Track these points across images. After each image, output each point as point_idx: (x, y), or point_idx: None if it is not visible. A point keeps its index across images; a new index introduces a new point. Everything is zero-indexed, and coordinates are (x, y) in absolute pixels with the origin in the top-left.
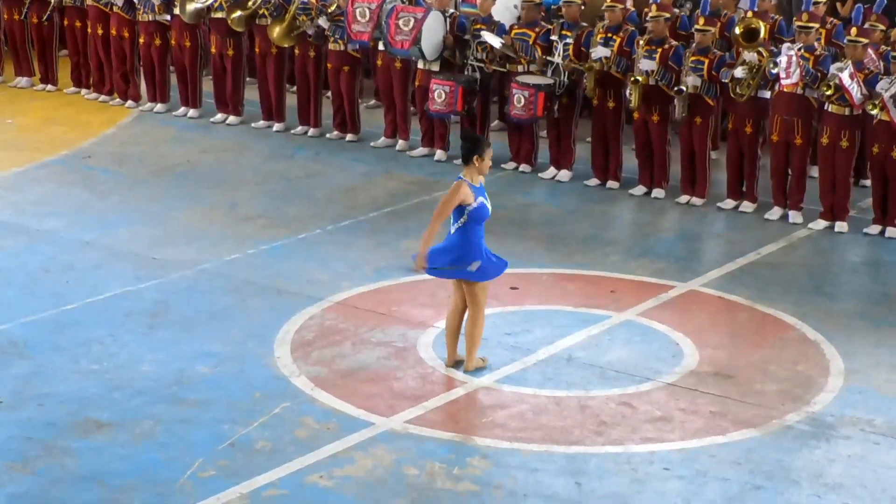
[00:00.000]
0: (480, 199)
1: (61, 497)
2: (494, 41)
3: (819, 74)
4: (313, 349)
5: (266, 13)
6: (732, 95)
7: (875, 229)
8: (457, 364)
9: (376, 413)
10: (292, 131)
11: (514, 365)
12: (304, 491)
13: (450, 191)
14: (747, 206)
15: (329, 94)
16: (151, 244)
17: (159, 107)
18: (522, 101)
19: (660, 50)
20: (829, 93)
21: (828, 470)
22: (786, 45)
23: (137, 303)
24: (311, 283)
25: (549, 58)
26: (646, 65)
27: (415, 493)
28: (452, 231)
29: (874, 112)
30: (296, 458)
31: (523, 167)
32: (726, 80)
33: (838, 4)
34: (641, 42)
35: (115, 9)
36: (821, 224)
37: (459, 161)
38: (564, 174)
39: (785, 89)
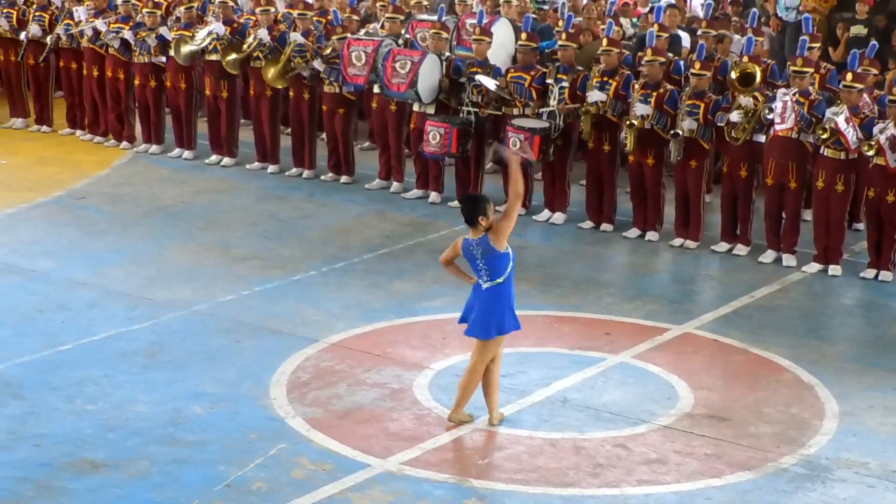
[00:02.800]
0: (508, 249)
1: None
2: (490, 84)
3: (814, 119)
4: (309, 390)
5: (261, 55)
6: (728, 139)
7: (870, 273)
8: (500, 421)
9: (372, 454)
10: (287, 173)
11: (510, 407)
12: None
13: (495, 243)
14: (741, 248)
15: (324, 135)
16: (145, 284)
17: (154, 148)
18: (518, 144)
19: (655, 94)
20: (824, 136)
21: None
22: (781, 90)
23: (132, 343)
24: (306, 323)
25: (543, 109)
26: (641, 109)
27: None
28: (484, 288)
29: (870, 154)
30: (292, 500)
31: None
32: (722, 124)
33: (830, 49)
34: (637, 86)
35: (110, 50)
36: (814, 267)
37: (454, 204)
38: (559, 216)
39: (780, 133)
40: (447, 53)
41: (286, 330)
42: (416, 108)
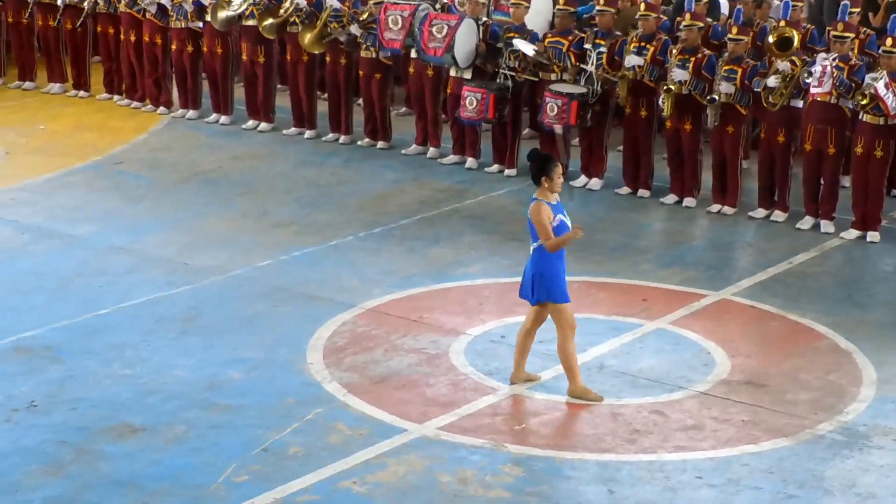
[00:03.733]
0: (560, 216)
1: (94, 501)
2: (528, 49)
3: (853, 84)
4: (345, 355)
5: (297, 21)
6: (765, 104)
7: None
8: (525, 381)
9: (408, 419)
10: (323, 138)
11: (547, 373)
12: (336, 496)
13: (534, 213)
14: (779, 215)
15: (360, 101)
16: (183, 250)
17: (191, 113)
18: (556, 109)
19: (693, 59)
20: (864, 102)
21: (860, 479)
22: (821, 54)
23: (169, 308)
24: (343, 289)
25: (582, 65)
26: (678, 74)
27: (447, 499)
28: (532, 250)
29: None
30: (328, 464)
31: None
32: (759, 90)
33: (870, 14)
34: (674, 51)
35: (147, 15)
36: (853, 234)
37: (491, 169)
38: (596, 182)
39: (817, 98)
40: (484, 18)
41: (323, 295)
42: (452, 73)
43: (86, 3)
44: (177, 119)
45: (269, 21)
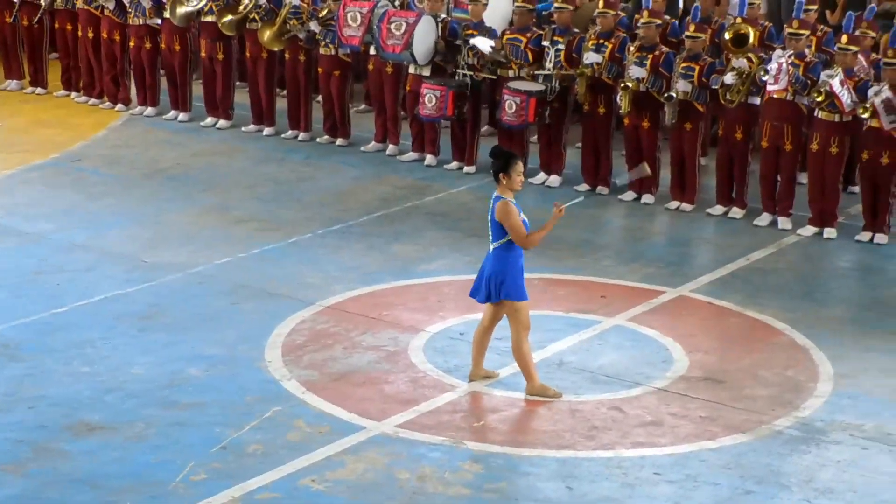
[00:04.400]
0: (522, 216)
1: (54, 499)
2: (485, 46)
3: (809, 81)
4: (305, 353)
5: (257, 17)
6: (722, 101)
7: (865, 236)
8: (483, 378)
9: (368, 417)
10: (282, 135)
11: (506, 369)
12: (296, 494)
13: (502, 214)
14: (737, 211)
15: (319, 98)
16: (143, 247)
17: (149, 110)
18: (514, 107)
19: (650, 56)
20: (819, 99)
21: (818, 475)
22: (776, 51)
23: (129, 305)
24: (303, 286)
25: (539, 71)
26: (636, 71)
27: (407, 496)
28: (491, 249)
29: (865, 116)
30: (288, 462)
31: None
32: (716, 87)
33: (827, 12)
34: (632, 48)
35: (105, 12)
36: (810, 230)
37: (450, 166)
38: (555, 179)
39: (774, 95)
40: (443, 15)
41: (284, 292)
42: (411, 70)
43: (43, 0)
44: (135, 116)
45: (229, 17)
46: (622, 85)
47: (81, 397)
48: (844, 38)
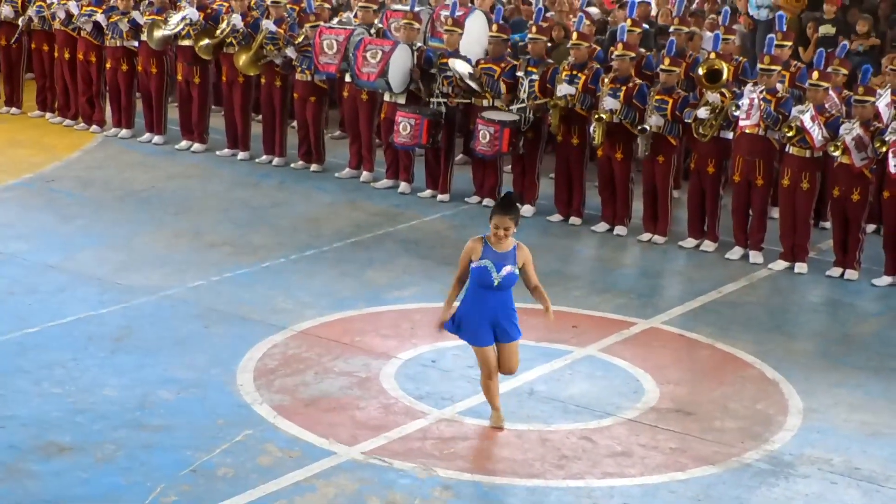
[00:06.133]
0: (484, 262)
1: None
2: (463, 69)
3: (780, 116)
4: (276, 377)
5: (233, 42)
6: (695, 135)
7: (836, 271)
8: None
9: (339, 442)
10: (257, 160)
11: (477, 397)
12: None
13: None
14: (708, 245)
15: (295, 123)
16: (116, 269)
17: (124, 132)
18: (488, 136)
19: (624, 88)
20: (790, 134)
21: None
22: (748, 86)
23: (101, 327)
24: (275, 311)
25: (514, 105)
26: (610, 103)
27: None
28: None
29: (836, 154)
30: (258, 486)
31: (487, 201)
32: (689, 121)
33: (801, 49)
34: (606, 80)
35: (82, 33)
36: (781, 264)
37: (424, 194)
38: (528, 209)
39: (746, 130)
40: (419, 44)
41: (255, 317)
42: (386, 97)
43: (20, 20)
44: (110, 138)
45: (206, 41)
46: (596, 116)
47: (51, 418)
48: (815, 74)
